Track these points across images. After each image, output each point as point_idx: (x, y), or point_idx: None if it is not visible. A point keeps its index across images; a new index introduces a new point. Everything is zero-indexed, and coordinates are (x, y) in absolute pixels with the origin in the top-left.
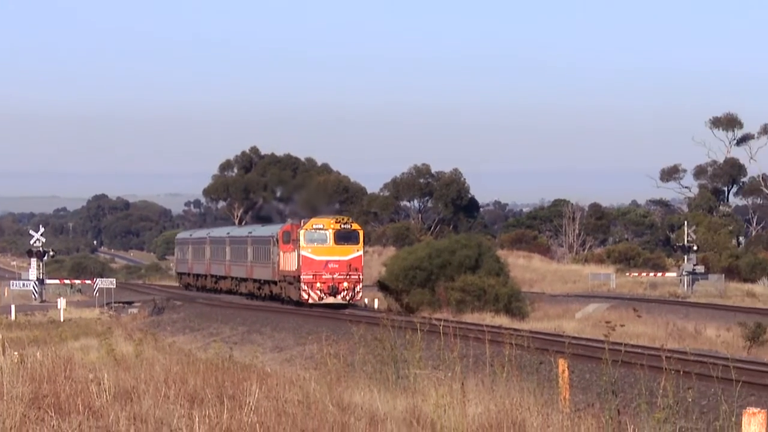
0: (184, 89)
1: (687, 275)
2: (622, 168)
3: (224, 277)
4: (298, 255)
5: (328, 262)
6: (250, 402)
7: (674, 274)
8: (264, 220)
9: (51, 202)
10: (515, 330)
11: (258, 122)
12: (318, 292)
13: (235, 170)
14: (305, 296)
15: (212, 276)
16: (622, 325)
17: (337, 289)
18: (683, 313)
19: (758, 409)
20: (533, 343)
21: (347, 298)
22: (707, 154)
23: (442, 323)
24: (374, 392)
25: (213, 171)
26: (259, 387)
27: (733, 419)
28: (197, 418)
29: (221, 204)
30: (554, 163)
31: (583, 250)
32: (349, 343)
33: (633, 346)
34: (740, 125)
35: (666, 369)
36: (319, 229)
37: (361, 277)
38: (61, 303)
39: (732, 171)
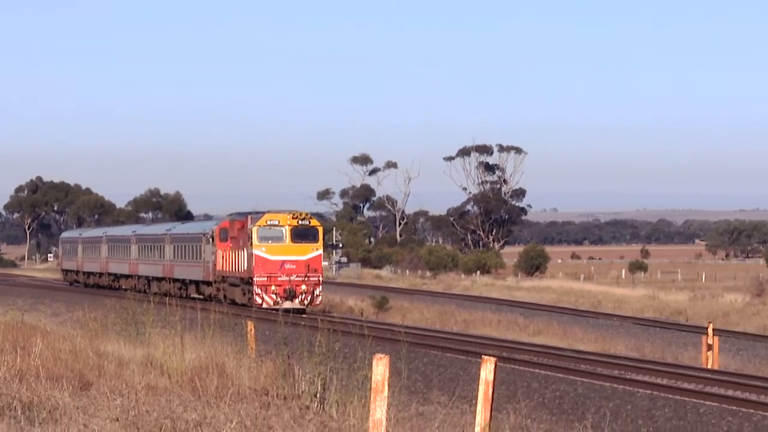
0: None
1: (336, 264)
2: (290, 191)
3: (128, 276)
4: (250, 254)
5: (284, 262)
6: (35, 351)
7: (327, 263)
8: (45, 227)
9: None
10: (218, 302)
11: (43, 156)
12: (273, 296)
13: (26, 192)
14: (258, 301)
15: (110, 274)
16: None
17: (295, 292)
18: (332, 289)
19: (383, 355)
20: (231, 310)
21: (305, 302)
22: (348, 181)
23: (167, 298)
24: (121, 344)
25: (10, 192)
26: (42, 341)
27: (366, 362)
28: None
29: (15, 215)
30: (244, 188)
31: None
32: (104, 310)
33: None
34: (371, 161)
35: (320, 327)
36: (274, 225)
37: (320, 279)
38: None
39: (366, 193)
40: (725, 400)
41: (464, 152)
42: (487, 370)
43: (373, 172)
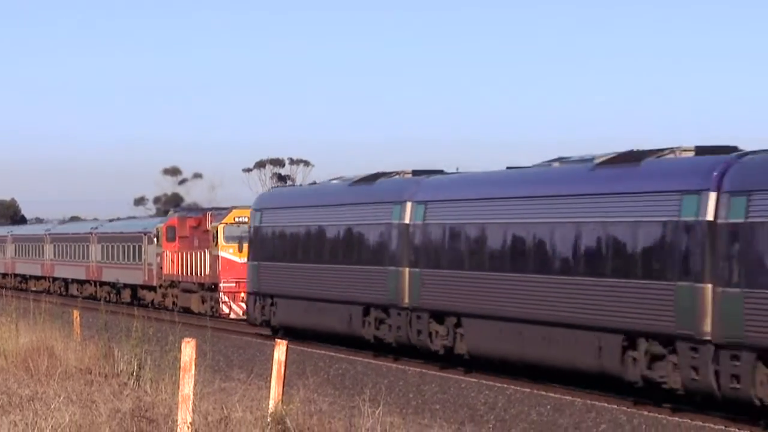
0: None
1: None
2: (110, 197)
3: (41, 277)
4: (214, 256)
5: None
6: None
7: None
8: None
9: None
10: (49, 293)
11: None
12: (242, 304)
13: None
14: (225, 310)
15: (17, 275)
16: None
17: None
18: None
19: (191, 339)
20: (59, 300)
21: None
22: (161, 190)
23: (3, 291)
24: None
25: None
26: None
27: (176, 345)
28: None
29: None
30: (72, 194)
31: None
32: None
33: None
34: (180, 172)
35: (136, 315)
36: (244, 223)
37: None
38: None
39: (176, 200)
40: (483, 376)
41: (260, 164)
42: (279, 351)
43: (182, 182)
